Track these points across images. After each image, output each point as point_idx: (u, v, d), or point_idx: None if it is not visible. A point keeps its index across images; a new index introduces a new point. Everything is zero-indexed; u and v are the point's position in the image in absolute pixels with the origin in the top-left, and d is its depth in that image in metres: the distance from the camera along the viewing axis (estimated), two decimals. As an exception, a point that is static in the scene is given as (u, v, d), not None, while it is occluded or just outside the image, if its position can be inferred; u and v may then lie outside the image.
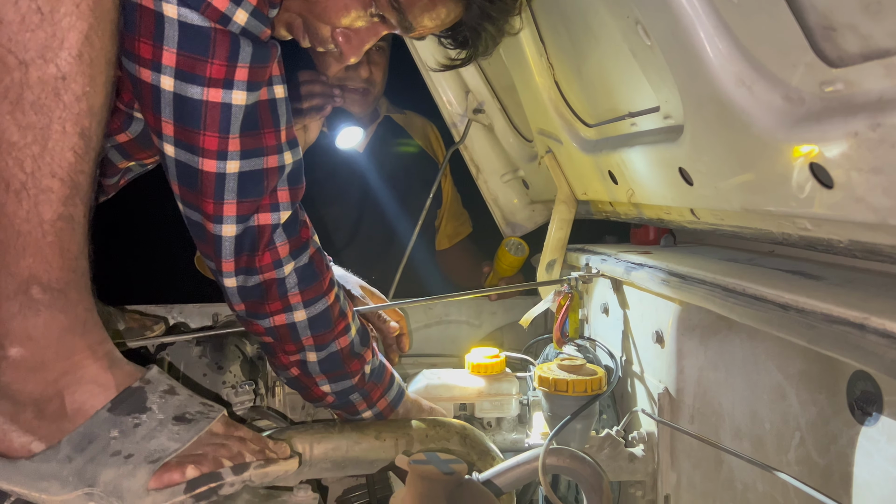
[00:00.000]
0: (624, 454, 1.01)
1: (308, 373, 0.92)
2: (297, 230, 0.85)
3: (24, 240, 0.63)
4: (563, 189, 1.28)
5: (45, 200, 0.63)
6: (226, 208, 0.77)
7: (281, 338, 0.89)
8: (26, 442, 0.65)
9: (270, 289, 0.84)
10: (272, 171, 0.79)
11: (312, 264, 0.87)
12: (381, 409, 1.00)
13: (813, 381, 0.83)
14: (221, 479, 0.67)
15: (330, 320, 0.89)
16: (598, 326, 1.29)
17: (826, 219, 0.64)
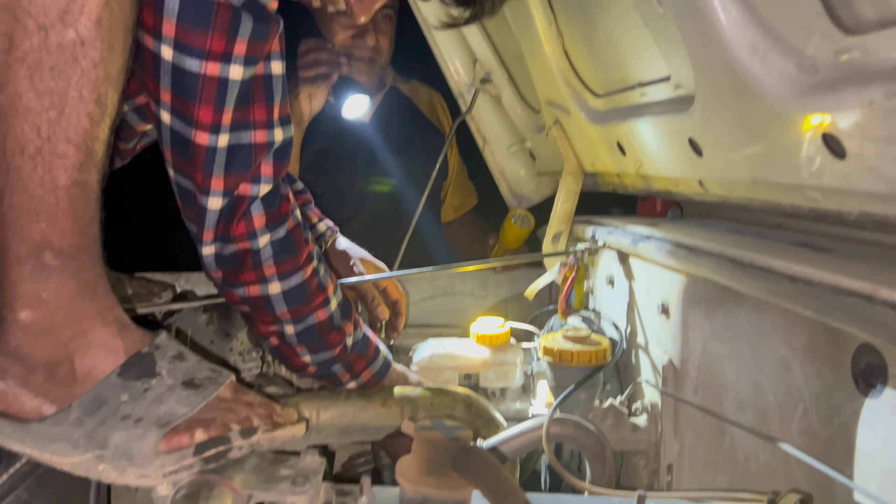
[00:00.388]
0: (627, 424, 1.02)
1: (287, 343, 0.93)
2: (277, 204, 0.85)
3: (37, 204, 0.63)
4: (570, 160, 1.28)
5: (59, 166, 0.63)
6: (213, 181, 0.78)
7: (257, 308, 0.90)
8: (37, 405, 0.66)
9: (245, 259, 0.85)
10: (260, 147, 0.80)
11: (289, 238, 0.88)
12: (366, 380, 1.01)
13: (818, 353, 0.83)
14: (230, 442, 0.67)
15: (306, 294, 0.90)
16: (603, 298, 1.29)
17: (837, 190, 0.64)
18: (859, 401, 0.76)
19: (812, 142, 0.61)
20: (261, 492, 0.65)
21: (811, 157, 0.62)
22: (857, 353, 0.77)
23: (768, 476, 0.89)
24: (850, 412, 0.78)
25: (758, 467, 0.90)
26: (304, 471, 0.68)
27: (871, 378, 0.75)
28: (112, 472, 0.64)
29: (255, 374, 0.99)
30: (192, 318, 1.07)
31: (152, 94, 0.74)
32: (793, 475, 0.86)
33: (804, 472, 0.84)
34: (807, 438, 0.84)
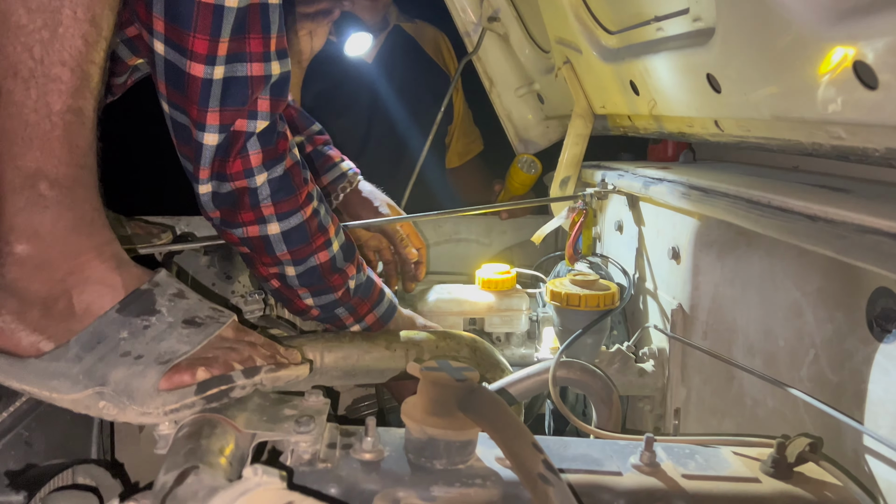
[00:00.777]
0: (634, 369, 1.01)
1: (288, 285, 0.91)
2: (274, 141, 0.83)
3: (31, 131, 0.61)
4: (580, 102, 1.24)
5: (53, 90, 0.61)
6: (209, 116, 0.75)
7: (256, 249, 0.88)
8: (35, 341, 0.64)
9: (242, 198, 0.83)
10: (257, 80, 0.77)
11: (288, 177, 0.85)
12: (370, 323, 0.99)
13: (831, 298, 0.81)
14: (232, 381, 0.66)
15: (306, 235, 0.88)
16: (610, 244, 1.27)
17: (864, 124, 0.61)
18: (873, 346, 0.75)
19: (842, 72, 0.58)
20: (264, 431, 0.64)
21: (840, 89, 0.59)
22: (872, 297, 0.75)
23: (776, 421, 0.88)
24: (863, 358, 0.77)
25: (766, 412, 0.89)
26: (308, 411, 0.67)
27: (886, 323, 0.73)
28: (113, 410, 0.63)
29: (257, 317, 0.98)
30: (193, 260, 1.05)
31: (145, 22, 0.71)
32: (801, 420, 0.85)
33: (812, 417, 0.83)
34: (816, 384, 0.83)
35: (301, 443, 0.63)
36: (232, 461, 0.59)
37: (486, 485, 0.63)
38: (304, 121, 1.16)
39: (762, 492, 0.67)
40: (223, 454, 0.59)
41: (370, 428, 0.66)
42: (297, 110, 1.16)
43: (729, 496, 0.66)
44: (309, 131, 1.16)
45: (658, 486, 0.66)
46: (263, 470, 0.50)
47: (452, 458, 0.65)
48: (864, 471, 0.74)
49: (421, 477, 0.63)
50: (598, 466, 0.68)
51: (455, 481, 0.63)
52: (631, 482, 0.66)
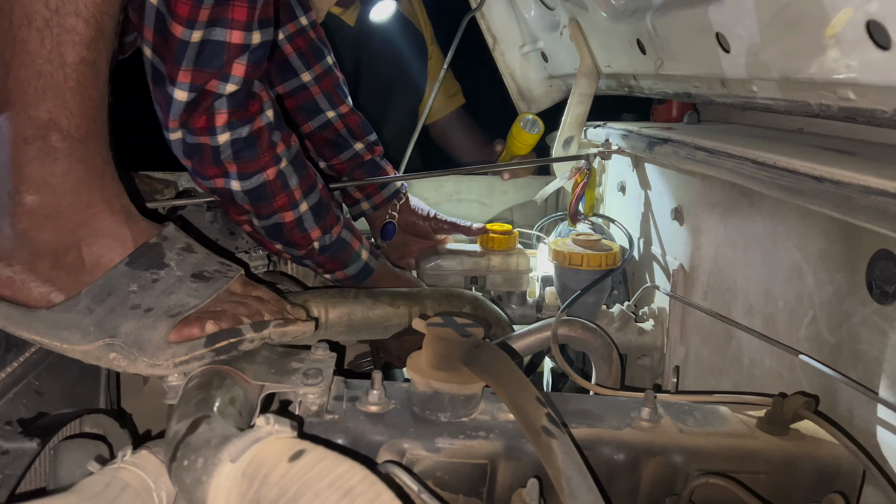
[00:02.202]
0: (633, 328, 1.02)
1: (258, 232, 0.96)
2: (245, 102, 0.84)
3: (44, 81, 0.61)
4: (585, 61, 1.23)
5: (68, 41, 0.61)
6: (181, 74, 0.78)
7: (224, 199, 0.92)
8: (45, 292, 0.65)
9: (205, 152, 0.85)
10: (235, 47, 0.79)
11: (252, 139, 0.87)
12: (340, 279, 1.04)
13: (832, 260, 0.82)
14: (241, 334, 0.67)
15: (268, 195, 0.91)
16: (612, 205, 1.27)
17: (874, 85, 0.61)
18: (871, 307, 0.76)
19: (854, 30, 0.58)
20: (273, 383, 0.65)
21: (850, 50, 0.59)
22: (873, 259, 0.76)
23: (773, 381, 0.90)
24: (861, 319, 0.78)
25: (763, 372, 0.91)
26: (315, 364, 0.68)
27: (885, 284, 0.74)
28: (123, 361, 0.64)
29: (261, 273, 0.99)
30: (196, 216, 1.05)
31: None
32: (798, 380, 0.86)
33: (809, 377, 0.85)
34: (814, 345, 0.84)
35: (309, 395, 0.64)
36: (242, 411, 0.61)
37: (490, 437, 0.65)
38: (364, 128, 1.20)
39: (758, 447, 0.68)
40: (233, 404, 0.60)
41: (376, 381, 0.67)
42: (359, 117, 1.20)
43: (725, 450, 0.68)
44: (367, 139, 1.20)
45: (657, 440, 0.67)
46: (275, 419, 0.51)
47: (457, 411, 0.66)
48: (859, 429, 0.76)
49: (426, 429, 0.65)
50: (598, 421, 0.69)
51: (459, 433, 0.65)
52: (631, 437, 0.68)
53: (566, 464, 0.55)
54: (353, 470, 0.47)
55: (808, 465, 0.68)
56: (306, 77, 1.11)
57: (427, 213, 1.23)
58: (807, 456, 0.68)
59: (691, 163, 0.88)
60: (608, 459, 0.67)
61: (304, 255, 0.98)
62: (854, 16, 0.57)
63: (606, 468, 0.67)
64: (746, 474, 0.67)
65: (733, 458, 0.68)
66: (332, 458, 0.48)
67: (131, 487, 0.51)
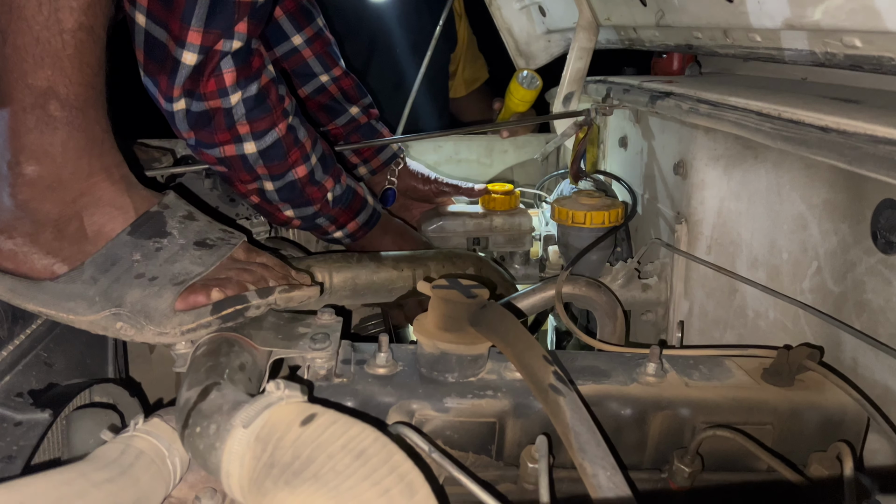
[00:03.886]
0: (637, 284, 1.02)
1: (268, 200, 0.93)
2: (249, 59, 0.82)
3: (42, 48, 0.60)
4: (584, 13, 1.21)
5: (65, 7, 0.60)
6: (191, 34, 0.74)
7: (234, 167, 0.88)
8: (48, 264, 0.65)
9: (217, 117, 0.82)
10: (244, 5, 0.76)
11: (262, 94, 0.85)
12: (353, 230, 1.02)
13: (837, 210, 0.82)
14: (247, 301, 0.67)
15: (282, 151, 0.88)
16: (614, 161, 1.26)
17: (881, 31, 0.60)
18: (876, 257, 0.76)
19: (862, -24, 0.56)
20: (281, 349, 0.65)
21: (858, -5, 0.58)
22: (878, 208, 0.76)
23: (777, 333, 0.90)
24: (866, 269, 0.78)
25: (767, 324, 0.91)
26: (322, 328, 0.69)
27: (890, 234, 0.74)
28: (130, 330, 0.65)
29: (265, 238, 0.99)
30: (196, 183, 1.05)
31: None
32: (802, 331, 0.87)
33: (813, 328, 0.85)
34: (818, 295, 0.84)
35: (317, 359, 0.65)
36: (251, 377, 0.61)
37: (498, 395, 0.65)
38: (359, 91, 1.18)
39: (763, 398, 0.69)
40: (243, 371, 0.60)
41: (383, 344, 0.67)
42: (353, 80, 1.17)
43: (731, 402, 0.68)
44: (362, 103, 1.18)
45: (663, 395, 0.68)
46: (286, 384, 0.51)
47: (464, 371, 0.67)
48: (863, 378, 0.77)
49: (434, 389, 0.65)
50: (605, 378, 0.70)
51: (467, 393, 0.65)
52: (638, 392, 0.68)
53: (574, 420, 0.55)
54: (364, 432, 0.48)
55: (814, 415, 0.69)
56: (297, 40, 1.09)
57: (427, 177, 1.21)
58: (812, 405, 0.69)
59: (694, 116, 0.87)
60: (615, 414, 0.67)
61: (318, 211, 0.96)
62: (862, -41, 0.56)
63: (614, 423, 0.67)
64: (753, 425, 0.68)
65: (739, 409, 0.68)
66: (343, 420, 0.49)
67: (145, 455, 0.52)
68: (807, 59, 0.74)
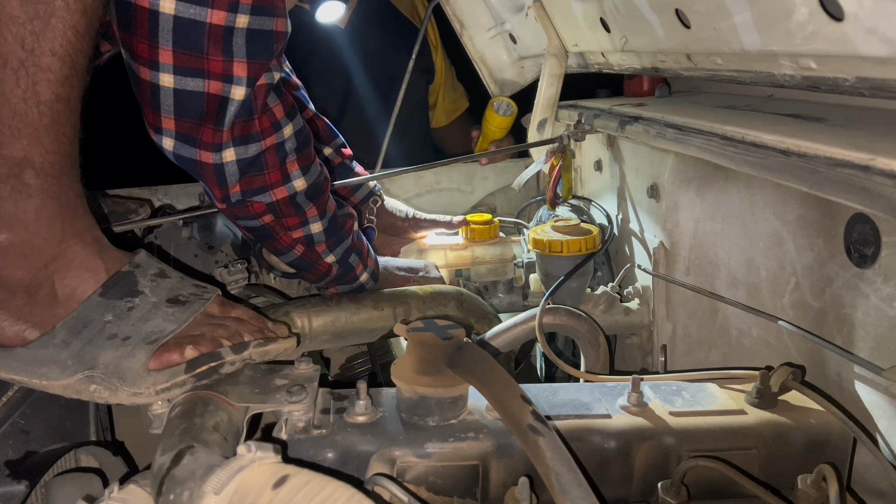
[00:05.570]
0: (619, 308, 1.02)
1: (313, 245, 0.89)
2: (284, 93, 0.81)
3: (19, 120, 0.60)
4: (552, 41, 1.22)
5: (43, 80, 0.60)
6: (236, 67, 0.71)
7: (283, 212, 0.84)
8: (20, 330, 0.64)
9: (269, 157, 0.79)
10: (280, 35, 0.75)
11: (305, 129, 0.85)
12: (372, 266, 1.00)
13: (811, 225, 0.82)
14: (221, 358, 0.66)
15: (321, 186, 0.88)
16: (591, 184, 1.27)
17: (833, 55, 0.60)
18: (852, 271, 0.76)
19: (807, 4, 0.57)
20: (257, 404, 0.65)
21: (806, 21, 0.58)
22: (850, 223, 0.76)
23: (761, 350, 0.90)
24: (843, 283, 0.78)
25: (751, 342, 0.91)
26: (299, 379, 0.68)
27: (864, 248, 0.74)
28: (104, 392, 0.64)
29: (242, 286, 0.98)
30: (174, 233, 1.04)
31: None
32: (786, 347, 0.86)
33: (797, 343, 0.85)
34: (799, 311, 0.85)
35: (294, 412, 0.64)
36: (227, 436, 0.60)
37: (479, 437, 0.65)
38: (330, 132, 1.17)
39: (748, 422, 0.69)
40: (218, 431, 0.59)
41: (361, 391, 0.67)
42: (324, 121, 1.17)
43: (715, 429, 0.68)
44: (335, 143, 1.17)
45: (647, 425, 0.68)
46: (257, 446, 0.51)
47: (445, 414, 0.66)
48: (847, 392, 0.77)
49: (415, 435, 0.65)
50: (587, 410, 0.69)
51: (449, 436, 0.64)
52: (620, 423, 0.68)
53: (555, 461, 0.55)
54: (338, 491, 0.47)
55: (799, 436, 0.68)
56: None
57: (405, 214, 1.21)
58: (796, 427, 0.69)
59: (662, 141, 0.88)
60: (599, 448, 0.67)
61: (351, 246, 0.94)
62: (807, -12, 0.57)
63: (599, 456, 0.67)
64: (738, 451, 0.68)
65: (724, 435, 0.68)
66: (316, 480, 0.48)
67: (120, 525, 0.51)
68: (767, 80, 0.75)
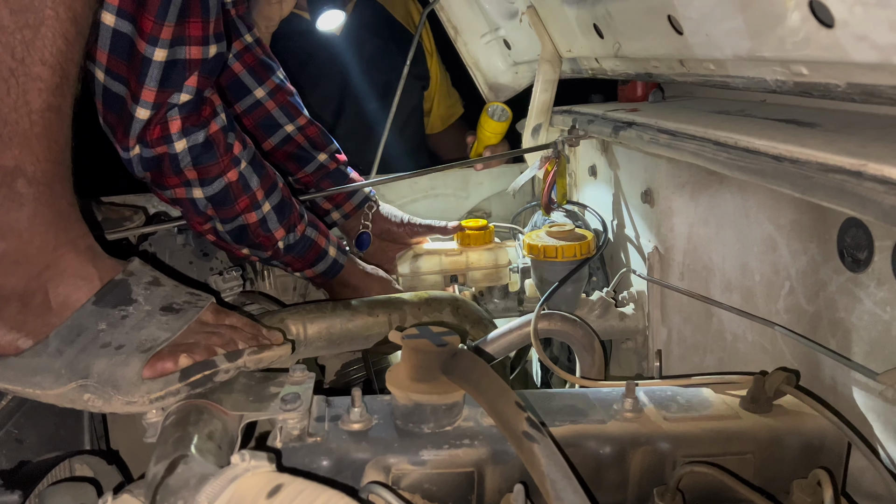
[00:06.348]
0: (614, 313, 1.03)
1: (223, 239, 0.95)
2: (198, 108, 0.84)
3: (10, 129, 0.60)
4: (546, 47, 1.22)
5: (33, 89, 0.60)
6: (145, 93, 0.78)
7: (186, 209, 0.91)
8: (13, 339, 0.64)
9: (164, 162, 0.85)
10: (194, 63, 0.79)
11: (210, 143, 0.86)
12: (310, 276, 1.04)
13: (804, 230, 0.82)
14: (215, 366, 0.66)
15: (231, 198, 0.90)
16: (586, 190, 1.27)
17: (824, 61, 0.61)
18: (845, 275, 0.76)
19: (798, 10, 0.57)
20: (251, 412, 0.65)
21: (797, 28, 0.59)
22: (843, 227, 0.76)
23: (756, 354, 0.90)
24: (836, 287, 0.78)
25: (746, 346, 0.91)
26: (293, 387, 0.68)
27: (857, 252, 0.74)
28: (98, 401, 0.64)
29: (237, 293, 0.98)
30: (168, 240, 1.04)
31: None
32: (780, 351, 0.87)
33: (791, 347, 0.85)
34: (793, 315, 0.85)
35: (289, 420, 0.64)
36: (221, 445, 0.60)
37: (475, 444, 0.65)
38: (325, 138, 1.19)
39: (742, 427, 0.69)
40: (212, 439, 0.59)
41: (356, 398, 0.67)
42: (318, 127, 1.19)
43: (710, 434, 0.68)
44: (329, 149, 1.20)
45: (641, 431, 0.68)
46: (251, 455, 0.51)
47: (440, 421, 0.66)
48: (842, 396, 0.77)
49: (410, 442, 0.64)
50: (582, 416, 0.69)
51: (444, 443, 0.64)
52: (615, 429, 0.68)
53: (550, 467, 0.55)
54: (333, 500, 0.47)
55: (794, 441, 0.68)
56: (260, 93, 1.10)
57: (401, 220, 1.22)
58: (791, 431, 0.69)
59: (655, 146, 0.88)
60: (595, 454, 0.67)
61: (271, 256, 0.98)
62: (797, -5, 0.57)
63: (594, 462, 0.67)
64: (733, 455, 0.68)
65: (718, 440, 0.68)
66: (311, 489, 0.48)
67: (114, 535, 0.51)
68: (759, 86, 0.75)
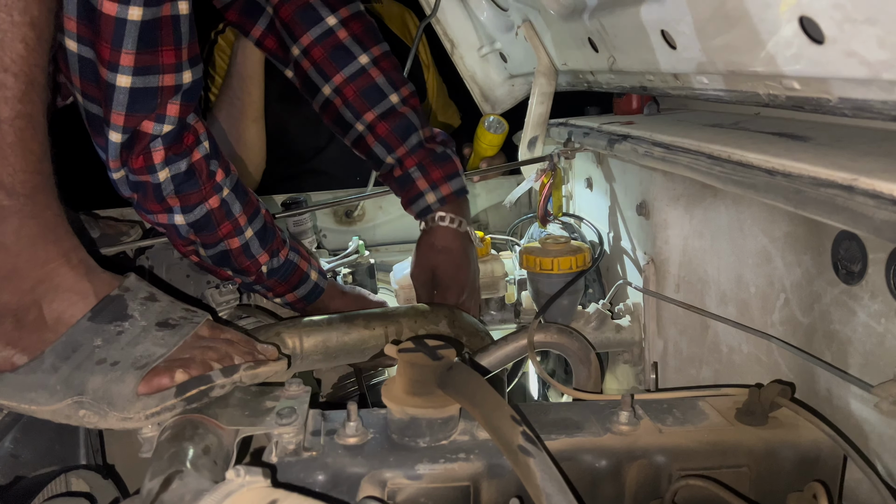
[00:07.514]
0: (611, 326, 1.03)
1: (205, 260, 0.95)
2: (180, 136, 0.83)
3: None
4: (542, 60, 1.23)
5: (0, 98, 0.60)
6: (114, 117, 0.77)
7: (169, 233, 0.91)
8: (8, 356, 0.64)
9: (147, 189, 0.84)
10: (167, 90, 0.78)
11: (192, 171, 0.86)
12: (290, 301, 1.03)
13: (798, 242, 0.83)
14: (211, 381, 0.66)
15: (212, 224, 0.90)
16: (582, 202, 1.27)
17: (815, 77, 0.61)
18: (839, 287, 0.76)
19: (789, 27, 0.58)
20: (247, 427, 0.65)
21: (788, 44, 0.59)
22: (836, 239, 0.77)
23: (752, 366, 0.90)
24: (831, 299, 0.78)
25: (742, 358, 0.92)
26: (289, 401, 0.68)
27: (850, 264, 0.75)
28: (93, 417, 0.64)
29: (234, 306, 0.98)
30: (165, 254, 1.05)
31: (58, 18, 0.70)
32: (776, 364, 0.87)
33: (787, 360, 0.85)
34: (788, 327, 0.85)
35: (284, 434, 0.64)
36: (217, 460, 0.60)
37: (470, 458, 0.65)
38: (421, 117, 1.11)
39: (738, 440, 0.69)
40: (207, 454, 0.59)
41: (352, 413, 0.67)
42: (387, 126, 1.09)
43: (706, 447, 0.68)
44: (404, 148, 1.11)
45: (637, 444, 0.68)
46: (246, 470, 0.51)
47: (435, 435, 0.66)
48: (838, 408, 0.77)
49: (406, 456, 0.64)
50: (578, 430, 0.70)
51: (439, 457, 0.64)
52: (611, 442, 0.68)
53: (545, 482, 0.55)
54: (327, 515, 0.47)
55: (789, 453, 0.68)
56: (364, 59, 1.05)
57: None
58: (787, 444, 0.69)
59: (650, 160, 0.88)
60: (590, 467, 0.67)
61: (254, 281, 0.98)
62: (786, 12, 0.57)
63: (590, 476, 0.67)
64: (729, 468, 0.68)
65: (714, 453, 0.68)
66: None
67: (108, 552, 0.51)
68: (752, 100, 0.75)
